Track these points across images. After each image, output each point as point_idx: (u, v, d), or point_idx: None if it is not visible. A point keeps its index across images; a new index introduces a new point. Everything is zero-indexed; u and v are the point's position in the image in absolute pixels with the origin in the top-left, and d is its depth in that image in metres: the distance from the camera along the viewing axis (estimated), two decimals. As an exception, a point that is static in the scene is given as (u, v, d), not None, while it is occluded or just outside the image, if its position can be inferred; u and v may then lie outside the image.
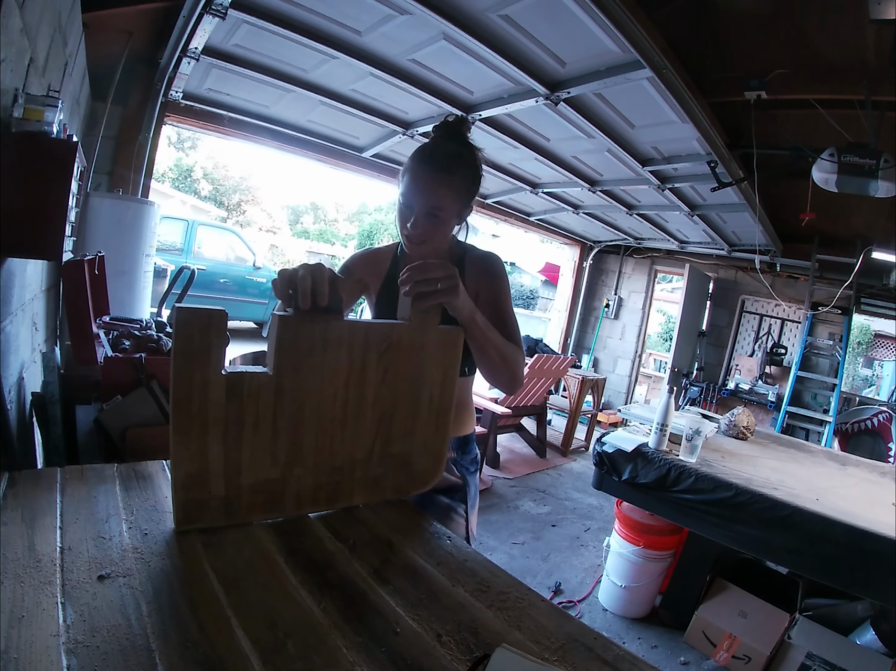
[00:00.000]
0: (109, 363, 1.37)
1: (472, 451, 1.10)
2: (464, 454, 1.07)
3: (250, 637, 0.48)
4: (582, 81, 2.15)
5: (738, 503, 1.71)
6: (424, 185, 0.88)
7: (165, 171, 13.25)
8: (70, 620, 0.46)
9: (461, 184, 0.91)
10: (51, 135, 1.13)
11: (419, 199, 0.89)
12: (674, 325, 5.73)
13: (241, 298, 6.46)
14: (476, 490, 1.10)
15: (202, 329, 0.59)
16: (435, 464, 0.85)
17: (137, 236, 2.49)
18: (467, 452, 1.08)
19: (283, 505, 0.70)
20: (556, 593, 2.29)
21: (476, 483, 1.10)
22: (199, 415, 0.60)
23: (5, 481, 0.67)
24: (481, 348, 0.85)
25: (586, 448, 4.58)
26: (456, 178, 0.90)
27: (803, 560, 1.64)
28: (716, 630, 1.95)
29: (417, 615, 0.56)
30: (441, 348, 0.78)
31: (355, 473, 0.76)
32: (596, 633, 0.58)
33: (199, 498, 0.63)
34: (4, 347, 1.20)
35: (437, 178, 0.88)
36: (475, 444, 1.13)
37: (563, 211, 4.65)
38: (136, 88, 2.58)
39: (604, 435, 2.15)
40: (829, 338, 4.59)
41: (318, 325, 0.67)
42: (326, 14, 1.95)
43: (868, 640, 1.76)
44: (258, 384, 0.64)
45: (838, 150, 2.28)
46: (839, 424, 4.18)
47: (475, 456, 1.11)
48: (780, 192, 3.38)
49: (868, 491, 2.01)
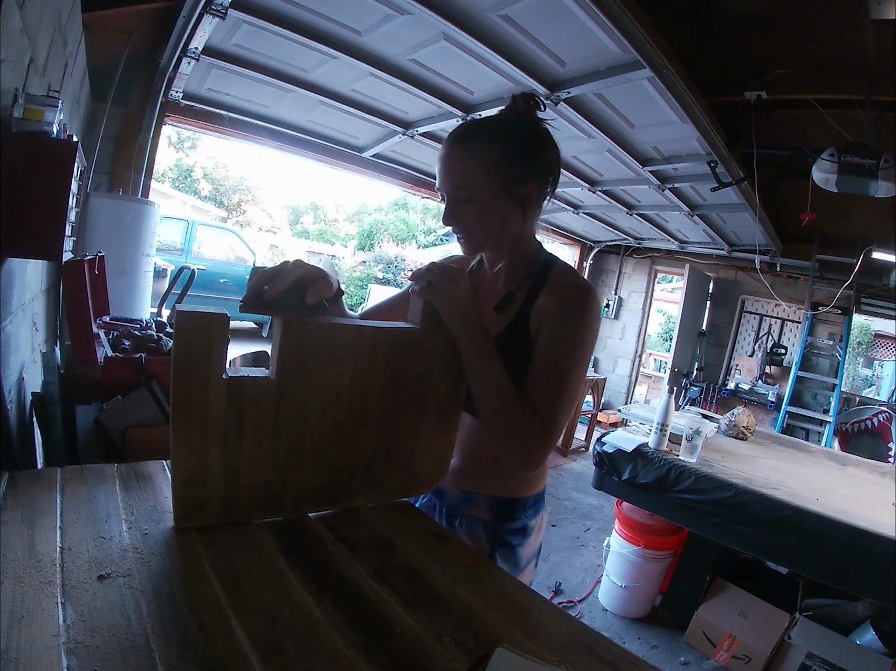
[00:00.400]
0: (109, 363, 1.37)
1: (519, 520, 0.83)
2: (505, 521, 0.82)
3: (250, 637, 0.48)
4: (582, 81, 2.15)
5: (739, 503, 1.71)
6: (443, 166, 0.74)
7: (165, 171, 13.24)
8: (70, 620, 0.46)
9: (490, 152, 0.72)
10: (51, 135, 1.13)
11: (443, 183, 0.74)
12: (674, 325, 5.73)
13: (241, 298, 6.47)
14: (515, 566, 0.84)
15: (203, 332, 0.58)
16: (437, 467, 0.83)
17: (137, 236, 2.49)
18: (512, 519, 0.82)
19: (282, 505, 0.70)
20: (556, 593, 2.29)
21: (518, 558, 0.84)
22: (199, 417, 0.60)
23: (5, 481, 0.67)
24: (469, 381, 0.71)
25: (586, 448, 4.58)
26: (482, 147, 0.72)
27: (803, 560, 1.64)
28: (716, 630, 1.95)
29: (417, 615, 0.56)
30: (451, 352, 0.74)
31: (356, 476, 0.76)
32: (596, 633, 0.58)
33: (198, 496, 0.63)
34: (4, 347, 1.20)
35: (454, 152, 0.73)
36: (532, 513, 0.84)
37: (563, 211, 4.65)
38: (136, 88, 2.58)
39: (604, 435, 2.15)
40: (829, 338, 4.59)
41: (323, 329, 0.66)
42: (326, 14, 1.95)
43: (868, 640, 1.76)
44: (260, 389, 0.63)
45: (838, 150, 2.28)
46: (839, 424, 4.18)
47: (524, 527, 0.83)
48: (780, 192, 3.39)
49: (868, 491, 2.01)
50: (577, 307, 0.74)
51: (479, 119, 0.78)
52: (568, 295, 0.75)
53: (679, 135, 2.59)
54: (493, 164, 0.72)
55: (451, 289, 0.66)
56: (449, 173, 0.73)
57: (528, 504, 0.84)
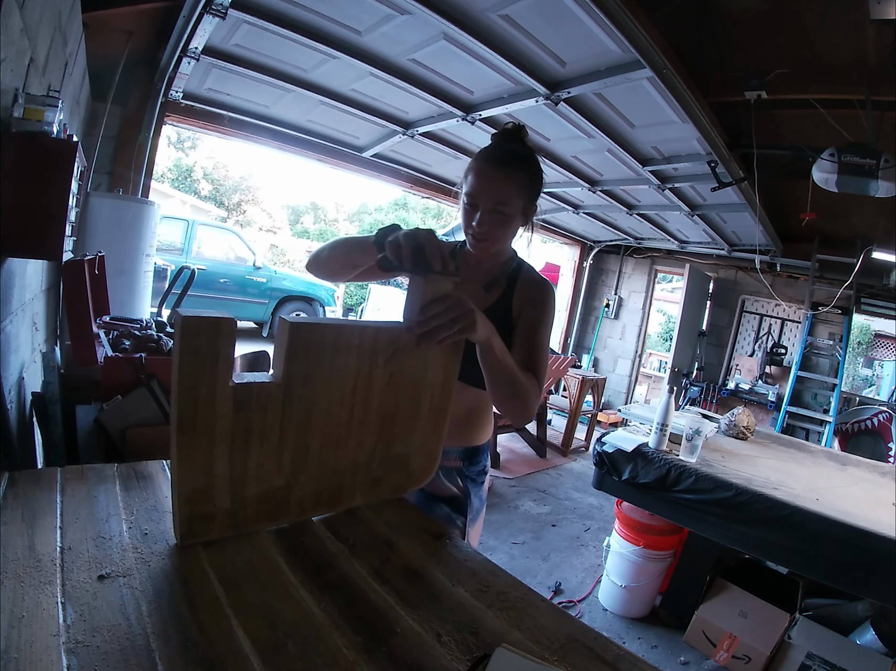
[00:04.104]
0: (109, 363, 1.37)
1: (480, 463, 1.07)
2: (471, 465, 1.05)
3: (250, 637, 0.48)
4: (582, 81, 2.15)
5: (739, 503, 1.71)
6: (489, 182, 0.89)
7: (165, 171, 13.23)
8: (70, 620, 0.46)
9: (525, 181, 0.91)
10: (51, 135, 1.13)
11: (484, 196, 0.89)
12: (674, 325, 5.74)
13: (241, 298, 6.47)
14: (481, 503, 1.07)
15: (210, 339, 0.55)
16: (429, 462, 0.85)
17: (137, 236, 2.49)
18: (475, 463, 1.06)
19: (287, 512, 0.69)
20: (556, 593, 2.29)
21: (482, 495, 1.07)
22: (204, 430, 0.57)
23: (5, 481, 0.67)
24: (494, 375, 0.85)
25: (586, 448, 4.58)
26: (519, 175, 0.90)
27: (803, 560, 1.64)
28: (716, 630, 1.95)
29: (417, 615, 0.56)
30: (443, 350, 0.78)
31: (357, 476, 0.76)
32: (596, 633, 0.58)
33: (203, 512, 0.61)
34: (4, 347, 1.20)
35: (501, 174, 0.89)
36: (487, 455, 1.10)
37: (563, 211, 4.65)
38: (136, 88, 2.58)
39: (604, 435, 2.15)
40: (829, 338, 4.59)
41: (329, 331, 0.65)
42: (326, 14, 1.95)
43: (868, 640, 1.76)
44: (266, 394, 0.61)
45: (838, 150, 2.28)
46: (839, 424, 4.18)
47: (484, 467, 1.08)
48: (780, 192, 3.38)
49: (868, 491, 2.01)
50: (547, 298, 0.99)
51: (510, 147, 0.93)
52: (540, 288, 1.00)
53: (679, 135, 2.59)
54: (525, 189, 0.91)
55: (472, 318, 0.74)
56: (492, 190, 0.89)
57: (484, 449, 1.08)
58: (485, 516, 1.13)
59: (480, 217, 0.90)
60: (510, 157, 0.91)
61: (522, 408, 0.89)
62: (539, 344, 0.96)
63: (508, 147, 0.92)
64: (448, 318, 0.70)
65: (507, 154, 0.91)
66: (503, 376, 0.84)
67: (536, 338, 0.96)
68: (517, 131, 0.95)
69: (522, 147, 0.94)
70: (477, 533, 1.08)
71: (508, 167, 0.90)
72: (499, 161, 0.90)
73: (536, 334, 0.96)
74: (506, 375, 0.84)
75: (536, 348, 0.95)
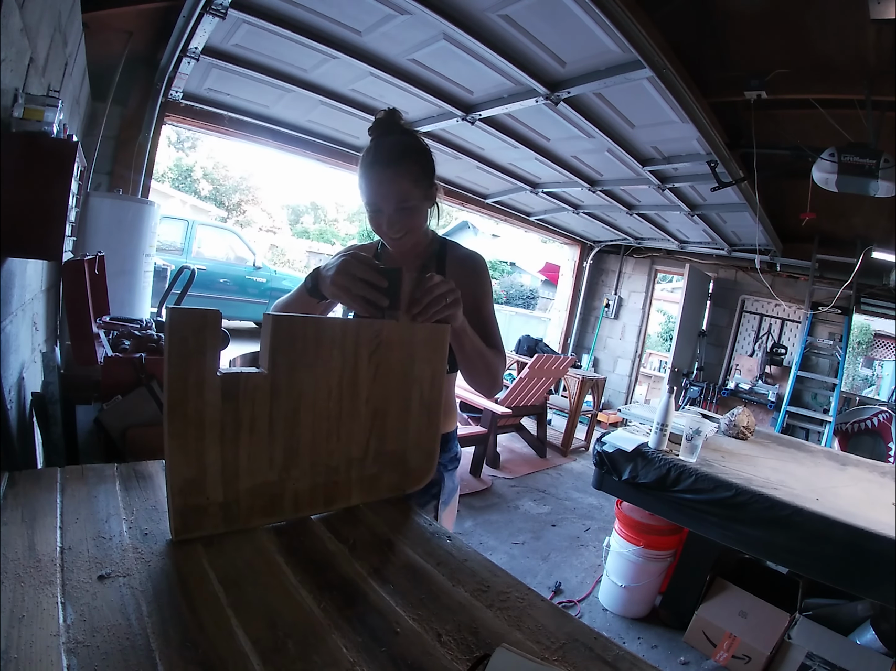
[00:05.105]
0: (109, 363, 1.37)
1: (452, 450, 1.09)
2: (443, 452, 1.06)
3: (250, 637, 0.48)
4: (582, 81, 2.15)
5: (739, 503, 1.71)
6: (383, 186, 0.89)
7: (165, 171, 13.25)
8: (70, 620, 0.46)
9: (416, 169, 0.91)
10: (51, 135, 1.13)
11: (383, 200, 0.89)
12: (674, 325, 5.73)
13: (241, 298, 6.47)
14: (453, 489, 1.09)
15: (196, 330, 0.58)
16: (427, 460, 0.86)
17: (137, 236, 2.49)
18: (447, 450, 1.08)
19: (282, 508, 0.70)
20: (556, 593, 2.29)
21: (453, 481, 1.09)
22: (195, 417, 0.59)
23: (5, 481, 0.67)
24: (467, 355, 0.88)
25: (586, 448, 4.58)
26: (410, 167, 0.90)
27: (803, 560, 1.64)
28: (716, 630, 1.95)
29: (417, 615, 0.56)
30: (428, 345, 0.80)
31: (352, 473, 0.76)
32: (596, 633, 0.58)
33: (197, 504, 0.62)
34: (4, 347, 1.20)
35: (391, 172, 0.88)
36: (457, 442, 1.13)
37: (563, 211, 4.65)
38: (136, 88, 2.58)
39: (604, 435, 2.15)
40: (829, 338, 4.59)
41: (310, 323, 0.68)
42: (326, 14, 1.95)
43: (868, 640, 1.76)
44: (254, 384, 0.63)
45: (838, 150, 2.28)
46: (839, 424, 4.18)
47: (455, 454, 1.11)
48: (780, 191, 3.38)
49: (868, 491, 2.01)
50: (479, 268, 1.02)
51: (388, 141, 0.91)
52: (472, 261, 1.02)
53: (679, 134, 2.59)
54: (420, 177, 0.91)
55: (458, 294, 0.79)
56: (388, 191, 0.89)
57: (453, 436, 1.11)
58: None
59: (389, 220, 0.90)
60: (393, 152, 0.89)
61: (493, 381, 0.95)
62: (488, 316, 0.99)
63: (388, 141, 0.91)
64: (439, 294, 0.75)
65: (390, 150, 0.90)
66: (476, 354, 0.89)
67: (484, 312, 0.99)
68: (390, 119, 0.93)
69: (402, 135, 0.92)
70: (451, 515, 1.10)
71: (396, 163, 0.88)
72: (385, 161, 0.89)
73: (483, 307, 0.99)
74: (478, 353, 0.89)
75: (487, 321, 0.99)
